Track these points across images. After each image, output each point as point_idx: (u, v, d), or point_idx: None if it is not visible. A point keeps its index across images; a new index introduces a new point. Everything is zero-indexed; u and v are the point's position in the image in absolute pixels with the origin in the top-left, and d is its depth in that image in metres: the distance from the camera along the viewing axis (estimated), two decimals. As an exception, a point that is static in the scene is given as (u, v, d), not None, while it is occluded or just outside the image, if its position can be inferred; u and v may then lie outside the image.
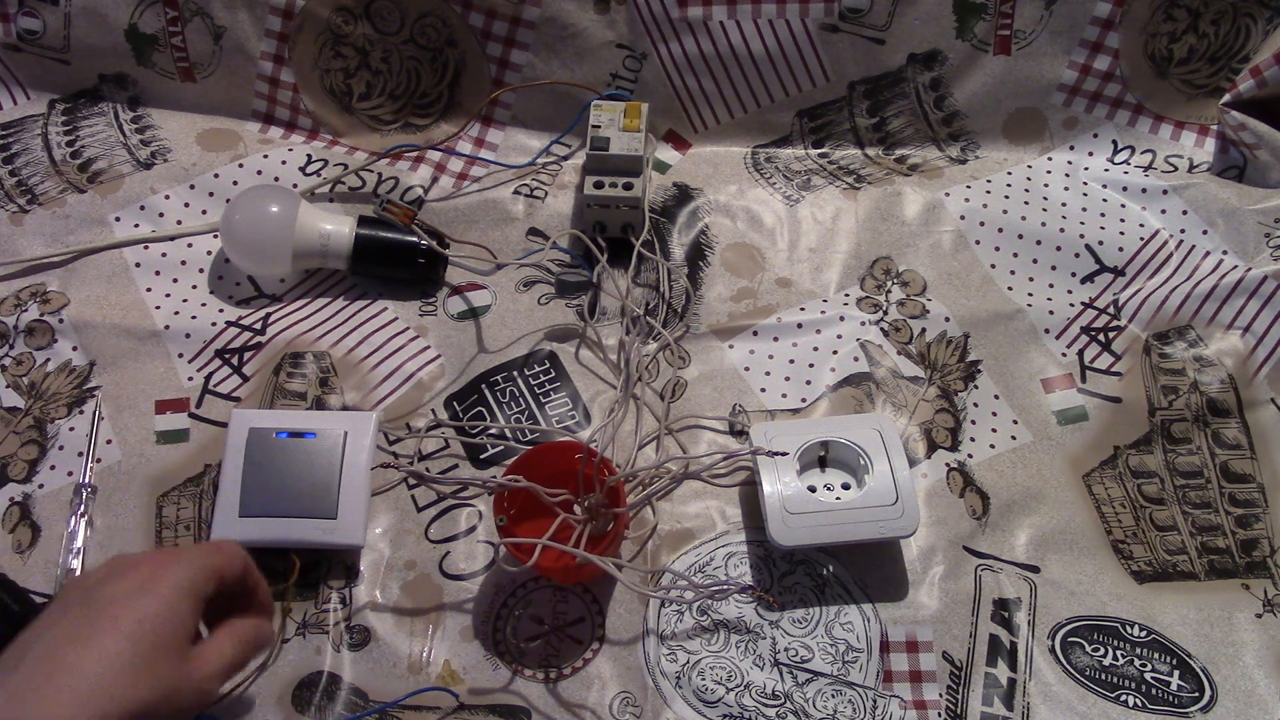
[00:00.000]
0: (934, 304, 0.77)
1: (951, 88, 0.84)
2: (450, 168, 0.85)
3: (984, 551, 0.67)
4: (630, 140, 0.77)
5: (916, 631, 0.63)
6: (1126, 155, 0.85)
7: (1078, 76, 0.84)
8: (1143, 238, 0.81)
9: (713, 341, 0.76)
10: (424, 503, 0.68)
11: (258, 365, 0.73)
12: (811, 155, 0.86)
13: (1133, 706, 0.61)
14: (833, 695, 0.61)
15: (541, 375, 0.74)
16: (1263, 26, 0.81)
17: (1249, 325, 0.74)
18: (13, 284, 0.78)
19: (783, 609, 0.64)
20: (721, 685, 0.61)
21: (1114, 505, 0.69)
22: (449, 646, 0.63)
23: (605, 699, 0.61)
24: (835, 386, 0.73)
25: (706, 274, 0.79)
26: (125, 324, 0.75)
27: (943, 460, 0.70)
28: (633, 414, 0.72)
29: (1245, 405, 0.72)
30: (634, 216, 0.78)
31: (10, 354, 0.74)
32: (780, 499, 0.64)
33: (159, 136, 0.85)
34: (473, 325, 0.77)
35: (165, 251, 0.80)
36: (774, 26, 0.82)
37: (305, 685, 0.61)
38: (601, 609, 0.64)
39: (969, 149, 0.86)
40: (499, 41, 0.83)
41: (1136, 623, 0.64)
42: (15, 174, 0.83)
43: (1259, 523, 0.68)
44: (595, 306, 0.77)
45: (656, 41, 0.82)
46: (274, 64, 0.84)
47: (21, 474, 0.70)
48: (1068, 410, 0.73)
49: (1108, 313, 0.77)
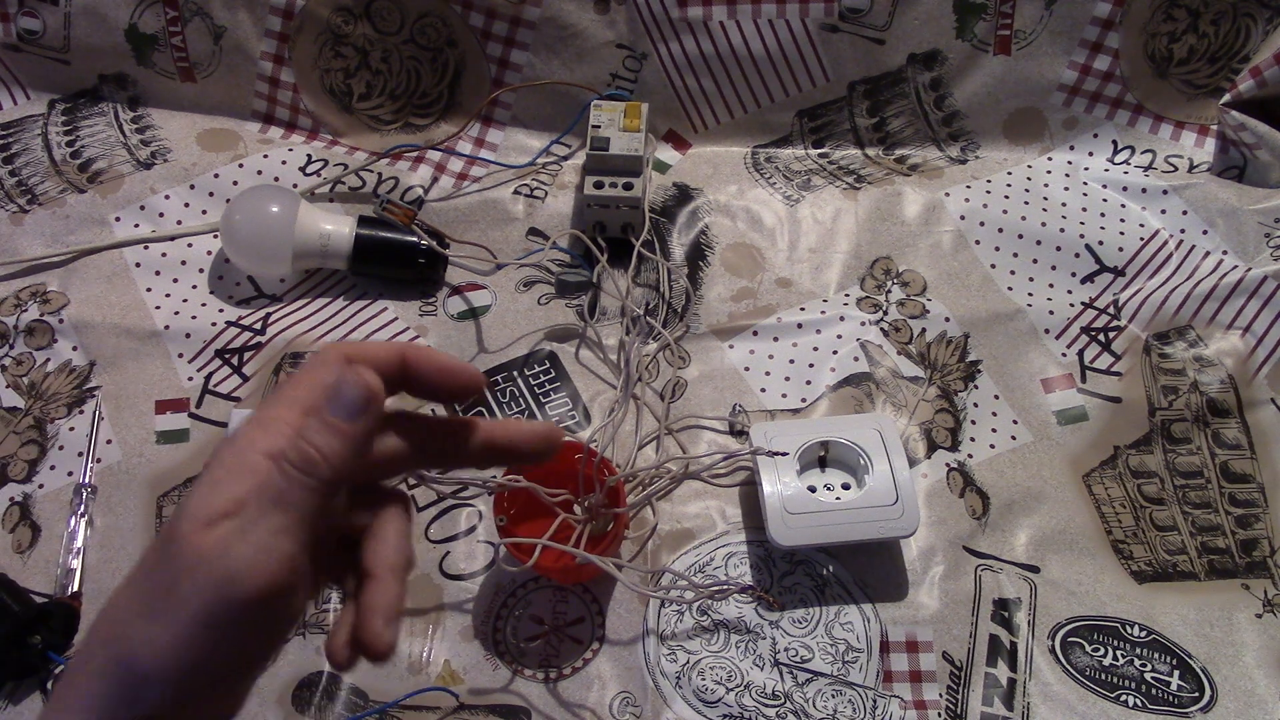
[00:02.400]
0: (934, 304, 0.77)
1: (951, 88, 0.84)
2: (450, 168, 0.85)
3: (984, 551, 0.67)
4: (630, 140, 0.77)
5: (916, 631, 0.63)
6: (1126, 155, 0.85)
7: (1078, 76, 0.84)
8: (1143, 238, 0.81)
9: (713, 341, 0.76)
10: (424, 503, 0.68)
11: (258, 365, 0.73)
12: (811, 155, 0.86)
13: (1133, 706, 0.61)
14: (833, 695, 0.61)
15: (541, 375, 0.74)
16: (1263, 26, 0.81)
17: (1249, 325, 0.74)
18: (13, 284, 0.78)
19: (783, 609, 0.64)
20: (721, 685, 0.61)
21: (1114, 505, 0.69)
22: (449, 646, 0.63)
23: (605, 699, 0.61)
24: (835, 386, 0.73)
25: (706, 274, 0.79)
26: (125, 324, 0.75)
27: (943, 460, 0.70)
28: (633, 414, 0.72)
29: (1245, 405, 0.72)
30: (634, 216, 0.78)
31: (10, 354, 0.74)
32: (780, 499, 0.64)
33: (159, 136, 0.85)
34: (473, 325, 0.77)
35: (165, 251, 0.80)
36: (774, 26, 0.82)
37: (305, 685, 0.61)
38: (601, 609, 0.64)
39: (969, 149, 0.86)
40: (499, 41, 0.83)
41: (1136, 623, 0.64)
42: (15, 174, 0.83)
43: (1259, 523, 0.68)
44: (595, 306, 0.77)
45: (656, 41, 0.82)
46: (274, 64, 0.84)
47: (21, 474, 0.70)
48: (1068, 410, 0.73)
49: (1108, 313, 0.77)
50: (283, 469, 0.32)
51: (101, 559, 0.66)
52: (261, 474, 0.32)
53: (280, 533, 0.32)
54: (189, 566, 0.31)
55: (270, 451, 0.33)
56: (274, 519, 0.32)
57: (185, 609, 0.31)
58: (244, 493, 0.32)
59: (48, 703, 0.34)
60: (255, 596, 0.32)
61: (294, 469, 0.33)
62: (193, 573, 0.31)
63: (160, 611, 0.32)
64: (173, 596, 0.32)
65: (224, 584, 0.31)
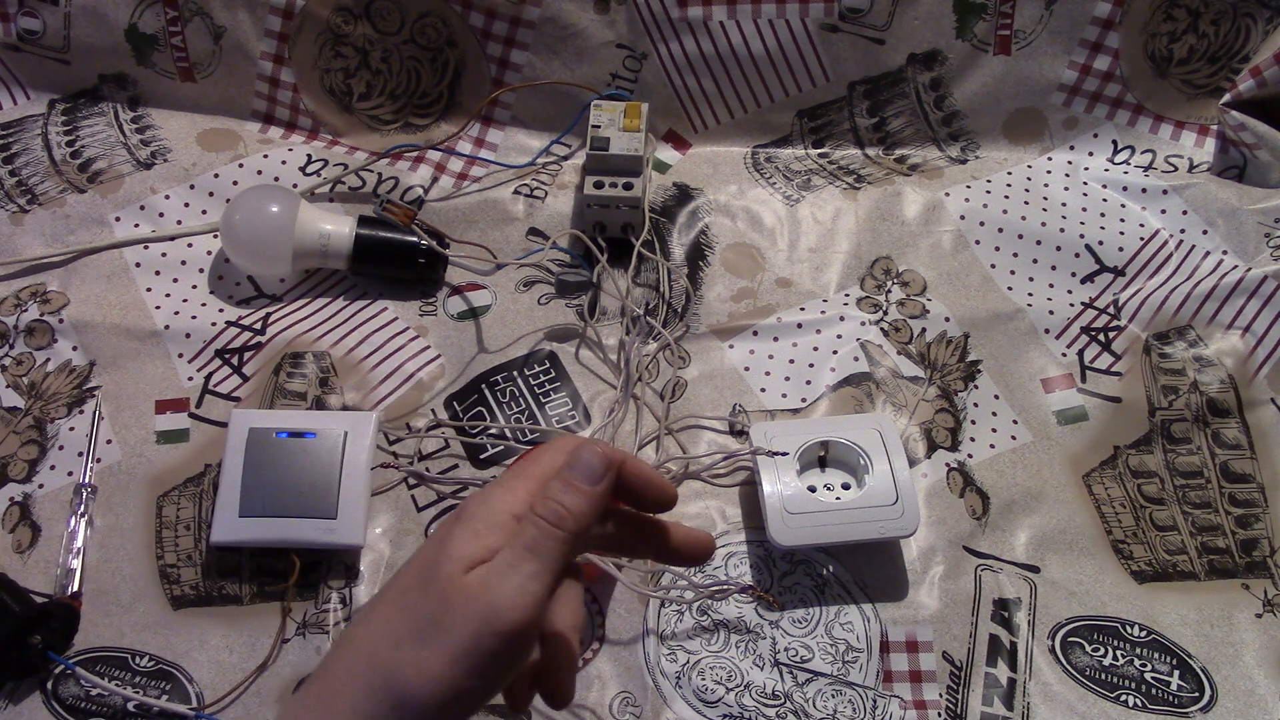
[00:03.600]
0: (934, 304, 0.77)
1: (951, 88, 0.84)
2: (450, 168, 0.85)
3: (984, 551, 0.67)
4: (630, 140, 0.77)
5: (916, 631, 0.63)
6: (1126, 155, 0.85)
7: (1078, 76, 0.84)
8: (1143, 238, 0.81)
9: (713, 341, 0.76)
10: (424, 503, 0.68)
11: (258, 365, 0.73)
12: (811, 155, 0.86)
13: (1133, 706, 0.61)
14: (833, 695, 0.61)
15: (541, 375, 0.74)
16: (1263, 26, 0.81)
17: (1249, 325, 0.74)
18: (13, 284, 0.78)
19: (783, 609, 0.64)
20: (721, 685, 0.61)
21: (1114, 505, 0.69)
22: (449, 646, 0.63)
23: (605, 699, 0.61)
24: (835, 386, 0.73)
25: (706, 274, 0.79)
26: (125, 324, 0.75)
27: (943, 460, 0.70)
28: (633, 414, 0.72)
29: (1245, 405, 0.72)
30: (634, 216, 0.78)
31: (10, 354, 0.74)
32: (780, 499, 0.64)
33: (159, 136, 0.85)
34: (473, 325, 0.77)
35: (165, 251, 0.80)
36: (774, 26, 0.82)
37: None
38: (601, 609, 0.64)
39: (969, 149, 0.86)
40: (499, 41, 0.83)
41: (1136, 623, 0.64)
42: (15, 174, 0.83)
43: (1259, 523, 0.68)
44: (595, 306, 0.77)
45: (656, 41, 0.82)
46: (274, 64, 0.84)
47: (21, 474, 0.70)
48: (1068, 410, 0.73)
49: (1108, 313, 0.77)
50: (536, 523, 0.38)
51: (101, 559, 0.66)
52: (509, 529, 0.38)
53: (533, 577, 0.37)
54: (457, 601, 0.36)
55: (516, 513, 0.39)
56: (528, 565, 0.37)
57: (453, 637, 0.36)
58: (498, 543, 0.38)
59: (296, 704, 0.38)
60: (512, 631, 0.36)
61: (545, 523, 0.38)
62: (461, 607, 0.36)
63: (430, 638, 0.36)
64: (441, 626, 0.36)
65: (490, 617, 0.36)
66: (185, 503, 0.68)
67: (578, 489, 0.39)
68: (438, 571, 0.37)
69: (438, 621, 0.36)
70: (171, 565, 0.66)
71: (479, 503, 0.39)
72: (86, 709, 0.61)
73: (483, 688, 0.37)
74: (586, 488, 0.39)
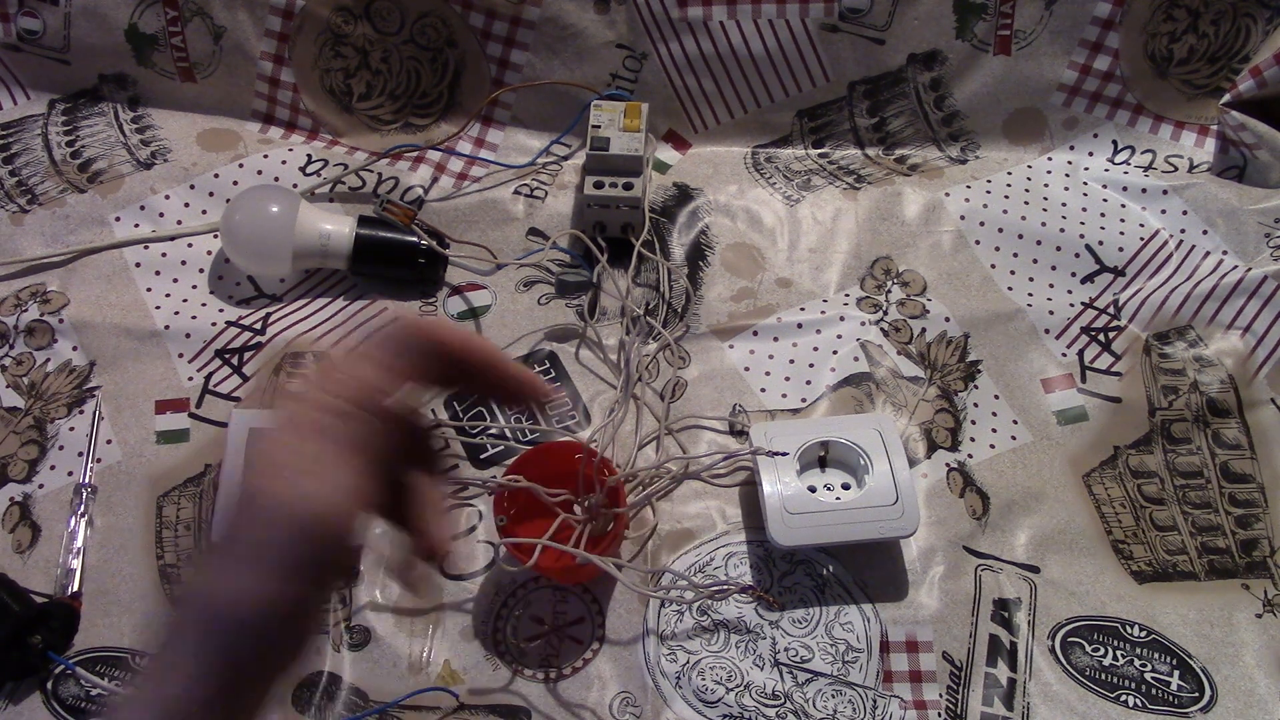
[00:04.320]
0: (934, 304, 0.77)
1: (951, 88, 0.84)
2: (450, 168, 0.85)
3: (984, 551, 0.67)
4: (630, 140, 0.77)
5: (916, 631, 0.63)
6: (1126, 155, 0.85)
7: (1078, 76, 0.83)
8: (1143, 238, 0.81)
9: (713, 341, 0.76)
10: (424, 503, 0.68)
11: (258, 365, 0.73)
12: (811, 155, 0.86)
13: (1133, 706, 0.61)
14: (833, 695, 0.61)
15: (541, 375, 0.74)
16: (1263, 26, 0.81)
17: (1249, 325, 0.74)
18: (13, 284, 0.78)
19: (783, 609, 0.64)
20: (721, 685, 0.61)
21: (1114, 505, 0.69)
22: (449, 646, 0.63)
23: (605, 699, 0.61)
24: (835, 386, 0.73)
25: (706, 274, 0.79)
26: (125, 324, 0.75)
27: (943, 460, 0.70)
28: (633, 414, 0.72)
29: (1245, 405, 0.72)
30: (634, 216, 0.78)
31: (10, 354, 0.74)
32: (780, 499, 0.64)
33: (159, 136, 0.85)
34: (473, 325, 0.77)
35: (165, 251, 0.80)
36: (774, 26, 0.82)
37: (305, 685, 0.61)
38: (601, 609, 0.64)
39: (969, 149, 0.86)
40: (499, 41, 0.83)
41: (1136, 623, 0.64)
42: (15, 174, 0.83)
43: (1259, 523, 0.68)
44: (595, 306, 0.77)
45: (656, 41, 0.82)
46: (274, 64, 0.84)
47: (21, 474, 0.70)
48: (1068, 410, 0.73)
49: (1108, 313, 0.77)
50: (306, 408, 0.36)
51: (101, 559, 0.66)
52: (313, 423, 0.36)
53: (318, 460, 0.35)
54: (252, 510, 0.35)
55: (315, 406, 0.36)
56: (310, 447, 0.35)
57: (271, 551, 0.34)
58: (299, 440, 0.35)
59: (147, 663, 0.37)
60: (310, 521, 0.34)
61: (315, 403, 0.36)
62: (258, 514, 0.35)
63: (241, 556, 0.34)
64: (240, 540, 0.35)
65: (285, 517, 0.34)
66: (185, 503, 0.68)
67: (345, 361, 0.37)
68: (249, 487, 0.35)
69: (236, 537, 0.35)
70: (172, 565, 0.66)
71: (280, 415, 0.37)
72: (86, 709, 0.61)
73: (305, 589, 0.35)
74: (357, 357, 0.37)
